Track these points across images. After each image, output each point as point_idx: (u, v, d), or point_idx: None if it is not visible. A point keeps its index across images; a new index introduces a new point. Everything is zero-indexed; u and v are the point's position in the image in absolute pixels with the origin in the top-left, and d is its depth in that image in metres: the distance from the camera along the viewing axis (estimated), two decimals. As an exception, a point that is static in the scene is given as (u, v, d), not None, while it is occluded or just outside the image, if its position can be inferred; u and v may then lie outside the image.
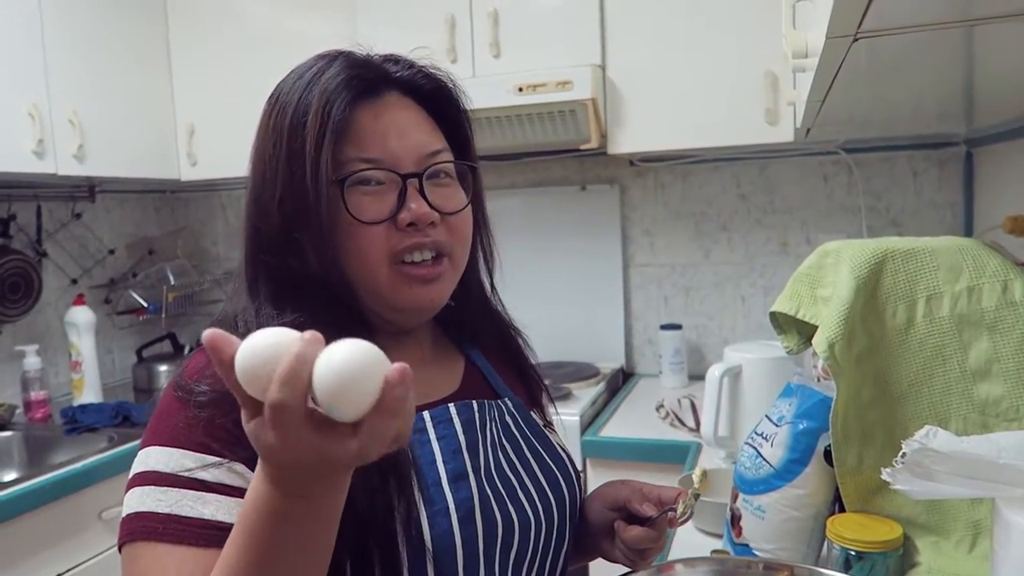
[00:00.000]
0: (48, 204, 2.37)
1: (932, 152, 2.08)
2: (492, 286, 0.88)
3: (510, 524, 0.74)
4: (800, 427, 0.93)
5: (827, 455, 0.91)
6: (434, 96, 0.78)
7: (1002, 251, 0.93)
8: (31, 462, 1.99)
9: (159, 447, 0.65)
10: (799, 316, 0.96)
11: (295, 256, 0.70)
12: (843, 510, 0.91)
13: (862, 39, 0.64)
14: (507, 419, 0.81)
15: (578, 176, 2.41)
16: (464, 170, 0.79)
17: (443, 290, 0.76)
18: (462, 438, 0.75)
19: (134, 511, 0.63)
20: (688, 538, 1.21)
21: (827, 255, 0.96)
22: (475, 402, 0.78)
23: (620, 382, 2.31)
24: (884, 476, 0.70)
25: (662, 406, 1.91)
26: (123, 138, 2.26)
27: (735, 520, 0.99)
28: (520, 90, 1.93)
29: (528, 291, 2.39)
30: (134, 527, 0.63)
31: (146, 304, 2.56)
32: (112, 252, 2.60)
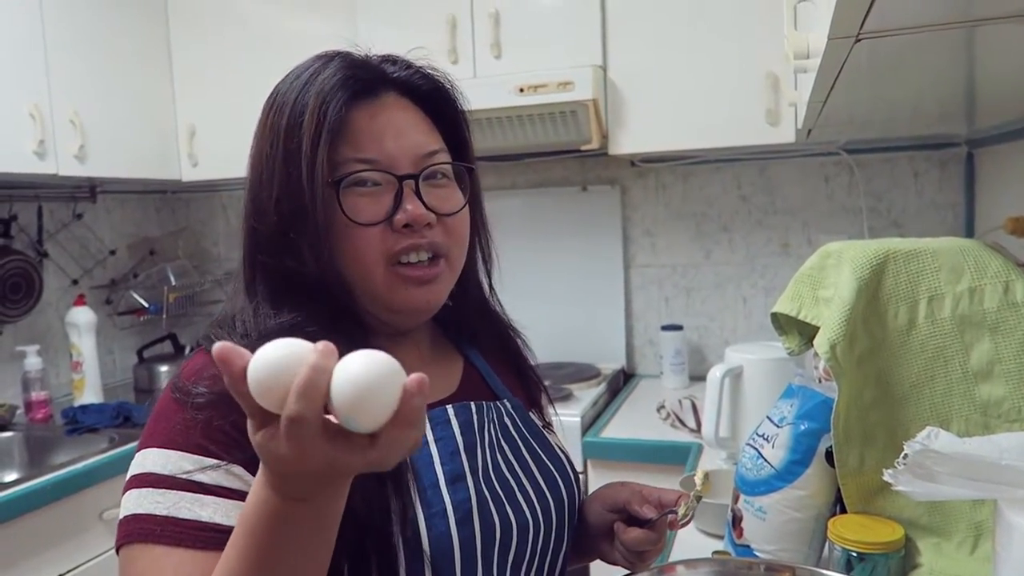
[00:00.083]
0: (49, 204, 2.37)
1: (933, 153, 2.08)
2: (491, 287, 0.87)
3: (508, 526, 0.73)
4: (801, 428, 0.93)
5: (828, 456, 0.91)
6: (432, 96, 0.78)
7: (1003, 252, 0.93)
8: (32, 462, 1.99)
9: (157, 449, 0.65)
10: (800, 317, 0.96)
11: (292, 256, 0.70)
12: (844, 511, 0.91)
13: (864, 40, 0.64)
14: (506, 420, 0.81)
15: (579, 177, 2.41)
16: (462, 171, 0.78)
17: (440, 291, 0.75)
18: (460, 440, 0.75)
19: (131, 513, 0.63)
20: (689, 539, 1.21)
21: (828, 256, 0.96)
22: (473, 403, 0.78)
23: (621, 383, 2.31)
24: (886, 477, 0.70)
25: (663, 407, 1.91)
26: (124, 139, 2.26)
27: (736, 521, 0.98)
28: (521, 91, 1.93)
29: (529, 292, 2.40)
30: (131, 529, 0.62)
31: (147, 304, 2.56)
32: (113, 252, 2.60)
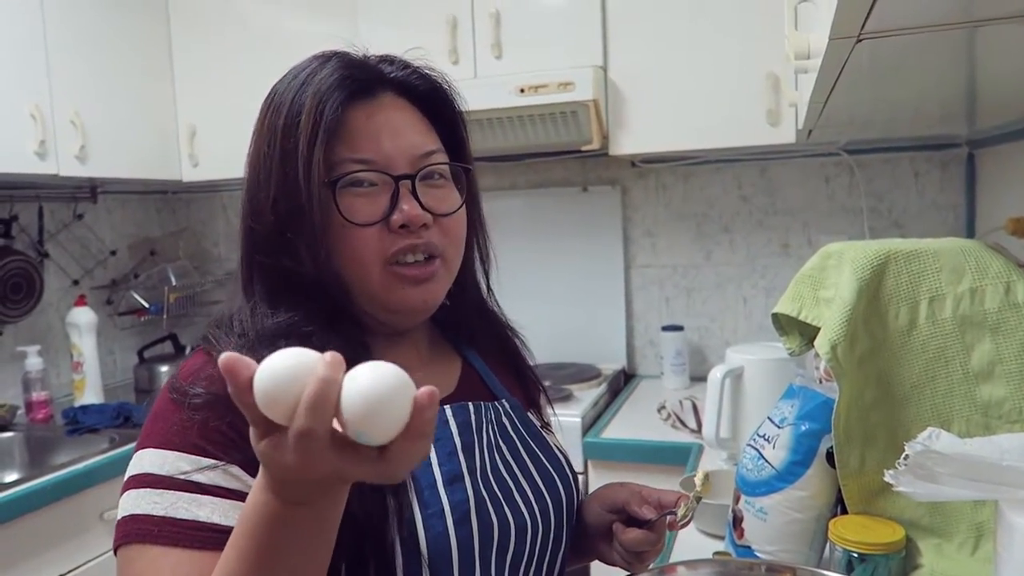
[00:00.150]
0: (50, 205, 2.37)
1: (934, 153, 2.08)
2: (488, 287, 0.87)
3: (506, 526, 0.73)
4: (802, 429, 0.93)
5: (829, 457, 0.91)
6: (429, 97, 0.78)
7: (1005, 252, 0.93)
8: (32, 463, 1.99)
9: (154, 449, 0.65)
10: (801, 317, 0.96)
11: (289, 256, 0.70)
12: (845, 512, 0.91)
13: (865, 40, 0.64)
14: (504, 421, 0.81)
15: (579, 177, 2.41)
16: (459, 171, 0.78)
17: (436, 290, 0.75)
18: (458, 440, 0.75)
19: (129, 513, 0.63)
20: (690, 540, 1.21)
21: (829, 256, 0.96)
22: (471, 404, 0.78)
23: (621, 383, 2.31)
24: (887, 478, 0.70)
25: (664, 407, 1.91)
26: (125, 139, 2.26)
27: (737, 522, 0.98)
28: (522, 91, 1.93)
29: (529, 292, 2.40)
30: (129, 529, 0.62)
31: (147, 305, 2.56)
32: (114, 253, 2.60)
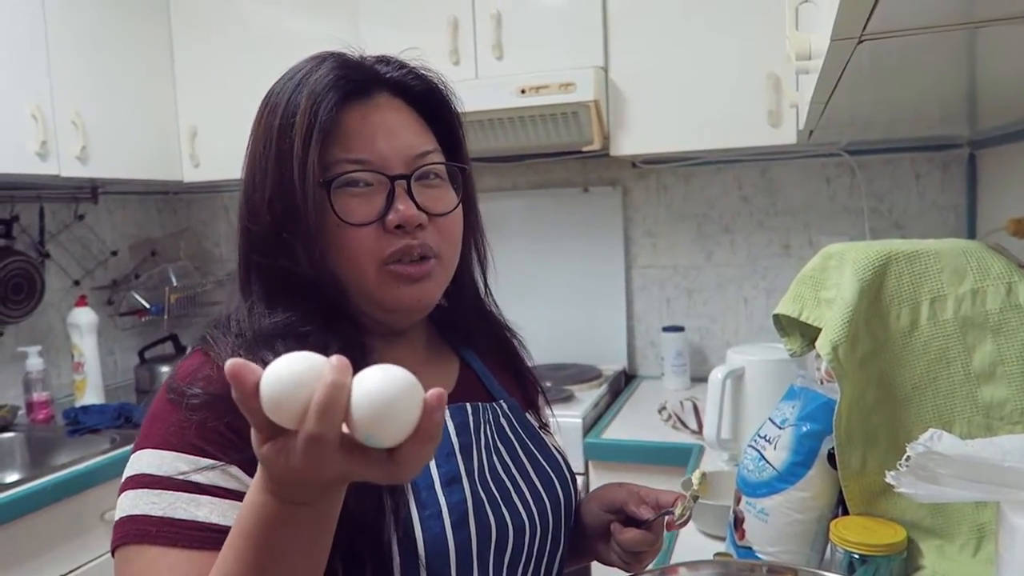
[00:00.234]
0: (51, 205, 2.37)
1: (935, 154, 2.08)
2: (486, 287, 0.87)
3: (504, 527, 0.73)
4: (803, 430, 0.93)
5: (831, 458, 0.91)
6: (425, 97, 0.78)
7: (1006, 253, 0.93)
8: (33, 463, 1.99)
9: (152, 450, 0.65)
10: (802, 318, 0.96)
11: (286, 256, 0.70)
12: (847, 513, 0.90)
13: (866, 41, 0.64)
14: (502, 421, 0.81)
15: (580, 178, 2.41)
16: (455, 171, 0.78)
17: (432, 289, 0.75)
18: (456, 441, 0.74)
19: (127, 514, 0.63)
20: (691, 541, 1.21)
21: (830, 257, 0.96)
22: (469, 405, 0.78)
23: (622, 384, 2.31)
24: (888, 479, 0.70)
25: (664, 408, 1.91)
26: (126, 140, 2.26)
27: (738, 523, 0.98)
28: (522, 92, 1.93)
29: (530, 293, 2.40)
30: (127, 530, 0.62)
31: (148, 305, 2.56)
32: (114, 253, 2.60)
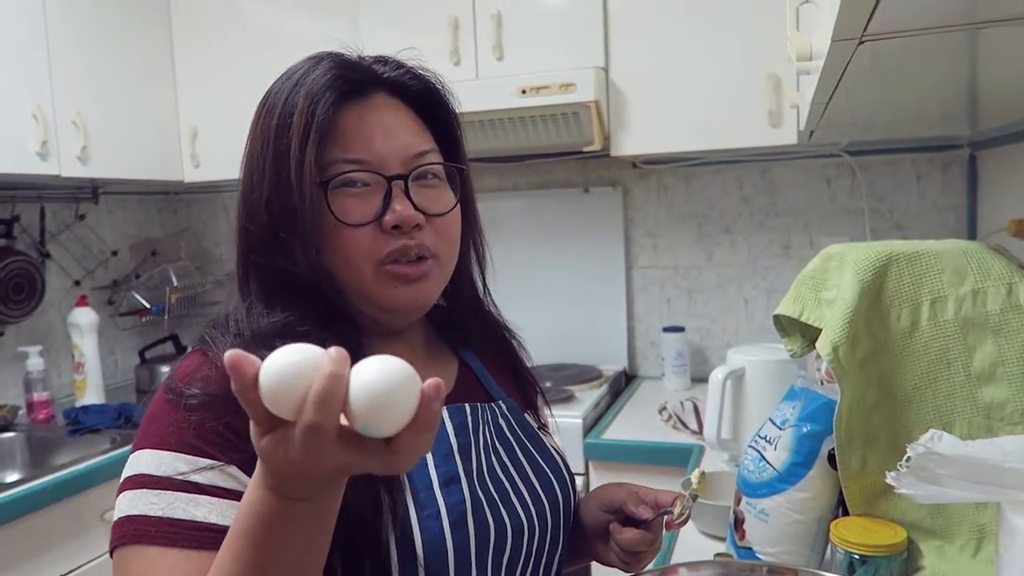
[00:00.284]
0: (51, 205, 2.37)
1: (936, 155, 2.08)
2: (485, 287, 0.87)
3: (503, 528, 0.73)
4: (804, 430, 0.93)
5: (831, 458, 0.91)
6: (423, 97, 0.77)
7: (1006, 254, 0.93)
8: (34, 463, 1.99)
9: (150, 450, 0.64)
10: (803, 319, 0.96)
11: (284, 256, 0.70)
12: (847, 514, 0.90)
13: (867, 42, 0.64)
14: (500, 422, 0.81)
15: (581, 178, 2.41)
16: (453, 171, 0.78)
17: (429, 289, 0.75)
18: (454, 441, 0.74)
19: (125, 515, 0.63)
20: (691, 541, 1.21)
21: (831, 258, 0.96)
22: (468, 405, 0.78)
23: (623, 384, 2.31)
24: (888, 480, 0.70)
25: (665, 409, 1.91)
26: (126, 140, 2.26)
27: (738, 523, 0.98)
28: (523, 92, 1.93)
29: (530, 293, 2.40)
30: (125, 531, 0.62)
31: (149, 305, 2.57)
32: (115, 253, 2.60)
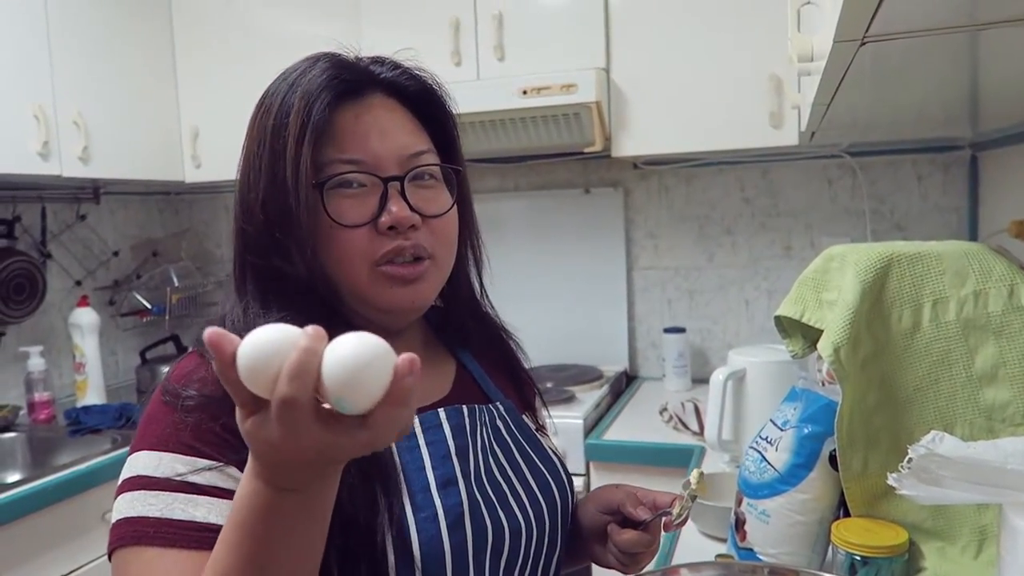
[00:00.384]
0: (53, 206, 2.37)
1: (937, 156, 2.08)
2: (482, 288, 0.87)
3: (500, 530, 0.73)
4: (805, 431, 0.93)
5: (832, 460, 0.91)
6: (419, 97, 0.77)
7: (1008, 255, 0.93)
8: (35, 463, 1.99)
9: (148, 451, 0.64)
10: (804, 320, 0.96)
11: (280, 256, 0.70)
12: (848, 515, 0.90)
13: (869, 43, 0.64)
14: (498, 423, 0.81)
15: (582, 179, 2.41)
16: (450, 172, 0.78)
17: (426, 290, 0.75)
18: (451, 443, 0.74)
19: (124, 516, 0.62)
20: (692, 542, 1.21)
21: (832, 259, 0.96)
22: (465, 407, 0.78)
23: (623, 385, 2.31)
24: (890, 481, 0.70)
25: (665, 409, 1.91)
26: (128, 140, 2.27)
27: (739, 524, 0.98)
28: (524, 93, 1.93)
29: (531, 294, 2.40)
30: (124, 532, 0.62)
31: (150, 306, 2.57)
32: (116, 254, 2.60)
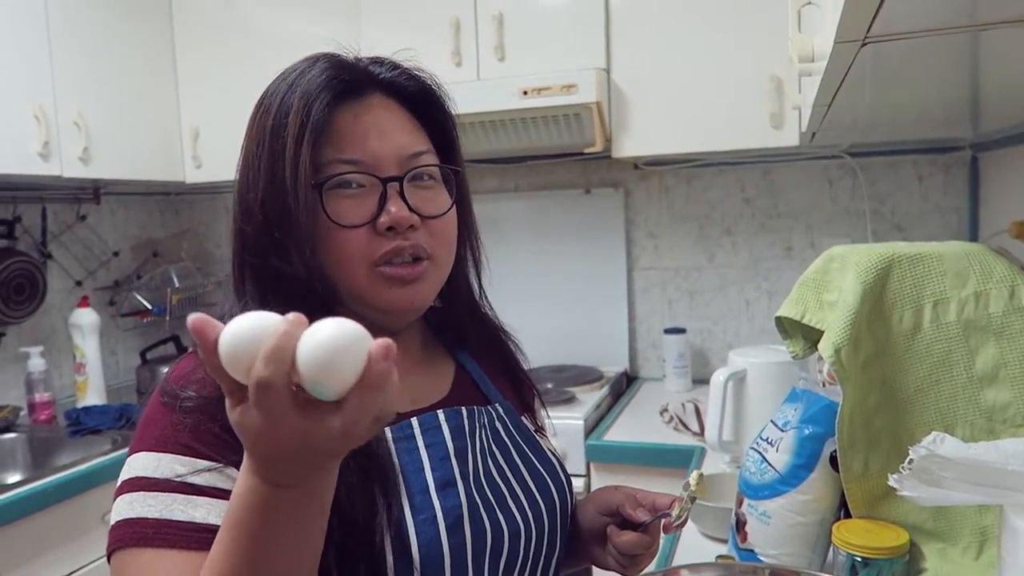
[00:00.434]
0: (53, 206, 2.37)
1: (937, 156, 2.08)
2: (481, 289, 0.87)
3: (499, 532, 0.73)
4: (806, 432, 0.93)
5: (833, 461, 0.91)
6: (418, 98, 0.77)
7: (1009, 256, 0.93)
8: (35, 464, 1.99)
9: (146, 453, 0.64)
10: (805, 321, 0.96)
11: (279, 257, 0.70)
12: (849, 516, 0.90)
13: (870, 44, 0.64)
14: (497, 425, 0.81)
15: (582, 179, 2.41)
16: (449, 172, 0.78)
17: (424, 290, 0.75)
18: (450, 445, 0.74)
19: (123, 518, 0.62)
20: (693, 543, 1.21)
21: (833, 260, 0.96)
22: (464, 408, 0.78)
23: (624, 386, 2.31)
24: (891, 482, 0.70)
25: (666, 410, 1.91)
26: (128, 140, 2.27)
27: (740, 525, 0.98)
28: (525, 93, 1.93)
29: (531, 294, 2.40)
30: (123, 534, 0.62)
31: (150, 306, 2.57)
32: (116, 254, 2.60)
